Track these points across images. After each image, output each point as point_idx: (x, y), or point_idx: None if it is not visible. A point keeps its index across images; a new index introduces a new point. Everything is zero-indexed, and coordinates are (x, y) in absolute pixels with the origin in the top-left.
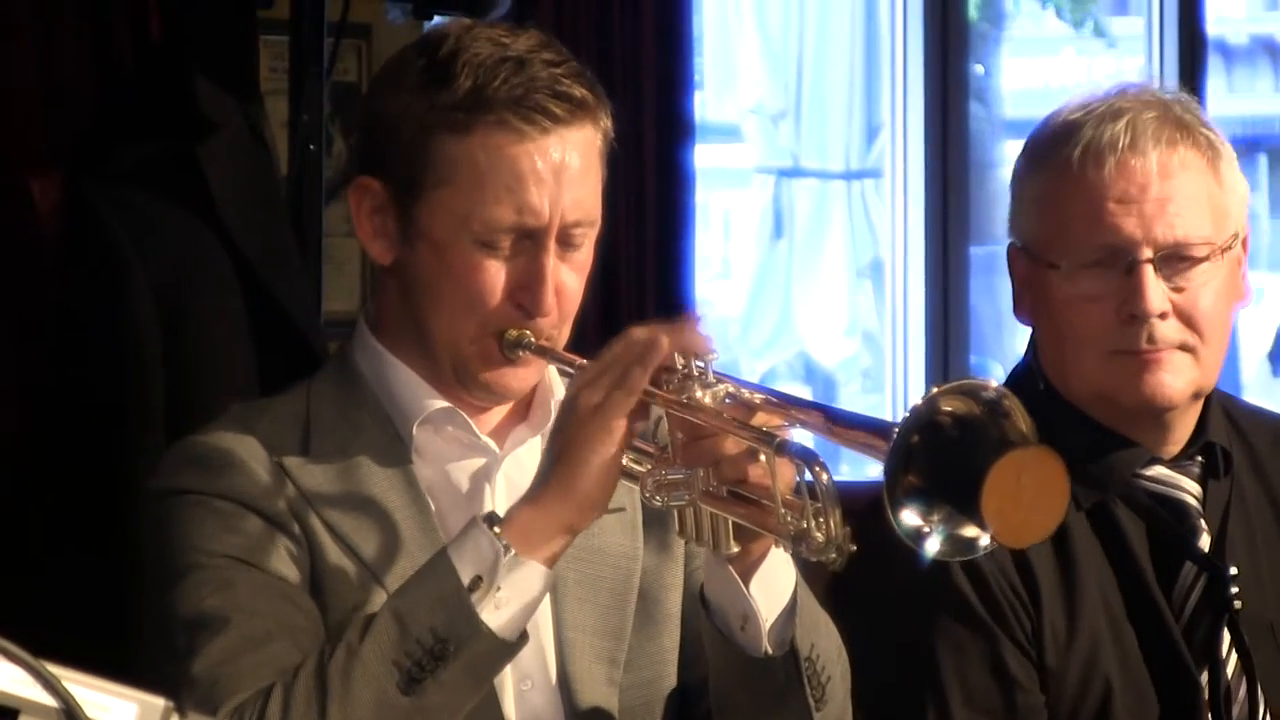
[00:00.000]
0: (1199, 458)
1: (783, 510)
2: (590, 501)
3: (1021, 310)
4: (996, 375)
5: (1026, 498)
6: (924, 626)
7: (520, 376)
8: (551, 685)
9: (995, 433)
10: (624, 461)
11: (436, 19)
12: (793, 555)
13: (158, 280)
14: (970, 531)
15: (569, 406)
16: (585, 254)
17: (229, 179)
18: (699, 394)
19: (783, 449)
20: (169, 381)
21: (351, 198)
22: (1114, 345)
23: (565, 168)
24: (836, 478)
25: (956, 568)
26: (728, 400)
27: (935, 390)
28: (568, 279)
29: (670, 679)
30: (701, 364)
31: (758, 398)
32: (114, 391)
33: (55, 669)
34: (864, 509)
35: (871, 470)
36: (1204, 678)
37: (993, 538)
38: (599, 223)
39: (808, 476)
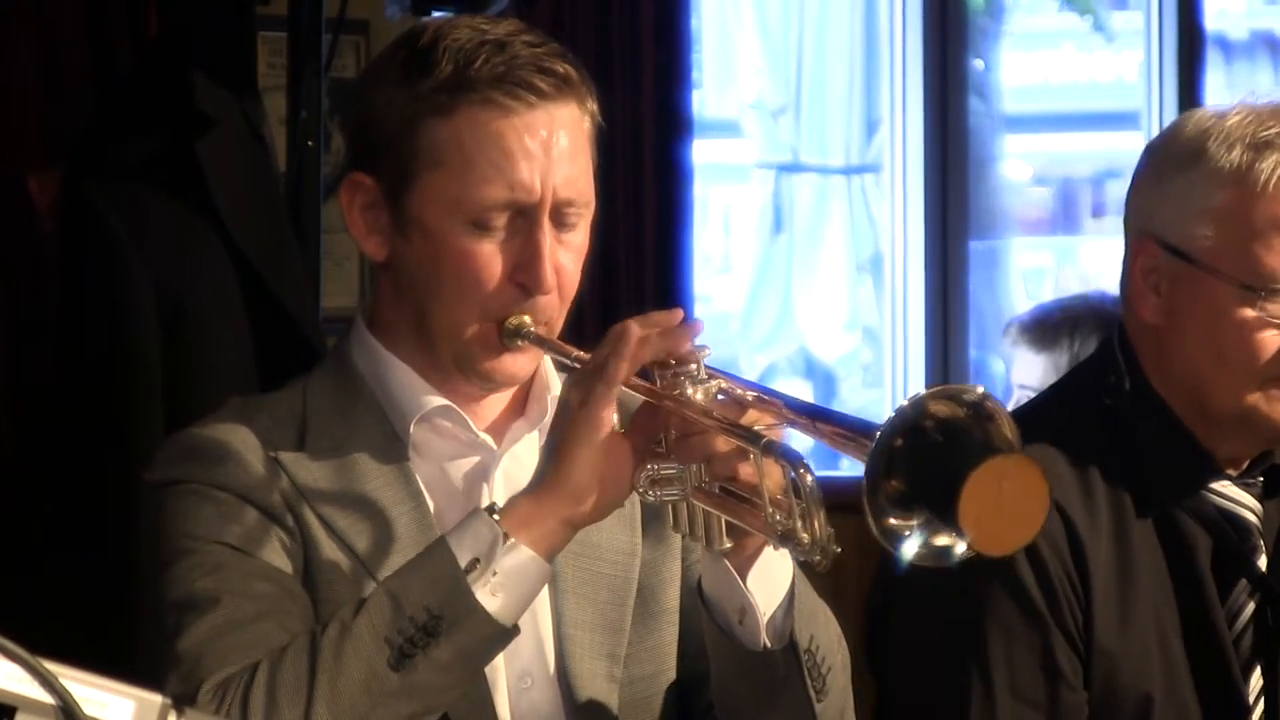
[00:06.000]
0: (1260, 477)
1: (771, 509)
2: (584, 493)
3: (1145, 309)
4: (996, 370)
5: (1007, 505)
6: (975, 605)
7: (520, 363)
8: (551, 682)
9: (978, 438)
10: None
11: (434, 14)
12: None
13: (157, 277)
14: (947, 538)
15: (562, 405)
16: (581, 237)
17: (227, 175)
18: (690, 391)
19: (769, 449)
20: (168, 378)
21: (343, 195)
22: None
23: (554, 144)
24: (838, 474)
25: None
26: (720, 397)
27: (921, 394)
28: (565, 259)
29: (670, 673)
30: (694, 360)
31: (750, 395)
32: (113, 388)
33: (52, 666)
34: None
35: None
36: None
37: (970, 545)
38: (593, 205)
39: (793, 476)
